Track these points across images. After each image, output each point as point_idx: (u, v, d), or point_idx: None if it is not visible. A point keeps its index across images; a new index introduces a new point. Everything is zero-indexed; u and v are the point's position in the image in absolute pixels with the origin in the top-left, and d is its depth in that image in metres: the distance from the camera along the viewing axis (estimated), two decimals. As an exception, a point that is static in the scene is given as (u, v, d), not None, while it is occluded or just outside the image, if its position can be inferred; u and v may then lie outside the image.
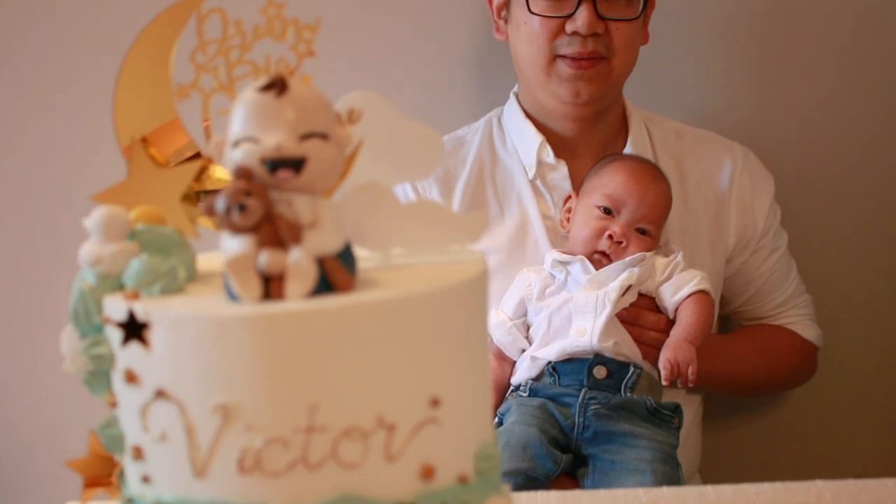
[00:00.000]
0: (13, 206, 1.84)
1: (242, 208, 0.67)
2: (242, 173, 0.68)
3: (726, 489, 0.98)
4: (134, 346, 0.67)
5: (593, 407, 1.35)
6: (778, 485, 0.98)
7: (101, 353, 0.71)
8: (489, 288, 1.43)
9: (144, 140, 0.77)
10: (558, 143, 1.59)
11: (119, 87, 0.77)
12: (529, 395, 1.40)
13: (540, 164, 1.58)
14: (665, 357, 1.36)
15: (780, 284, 1.68)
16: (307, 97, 0.70)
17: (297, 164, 0.68)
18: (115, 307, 0.68)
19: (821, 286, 1.77)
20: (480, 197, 1.60)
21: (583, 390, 1.37)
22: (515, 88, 1.66)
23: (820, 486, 0.98)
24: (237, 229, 0.67)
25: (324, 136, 0.69)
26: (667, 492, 0.98)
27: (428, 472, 0.68)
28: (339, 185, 0.76)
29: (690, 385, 1.36)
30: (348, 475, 0.66)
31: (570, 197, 1.54)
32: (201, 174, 0.78)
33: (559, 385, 1.39)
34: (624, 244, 1.44)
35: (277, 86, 0.69)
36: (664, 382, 1.37)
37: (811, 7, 1.84)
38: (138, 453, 0.70)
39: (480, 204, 1.60)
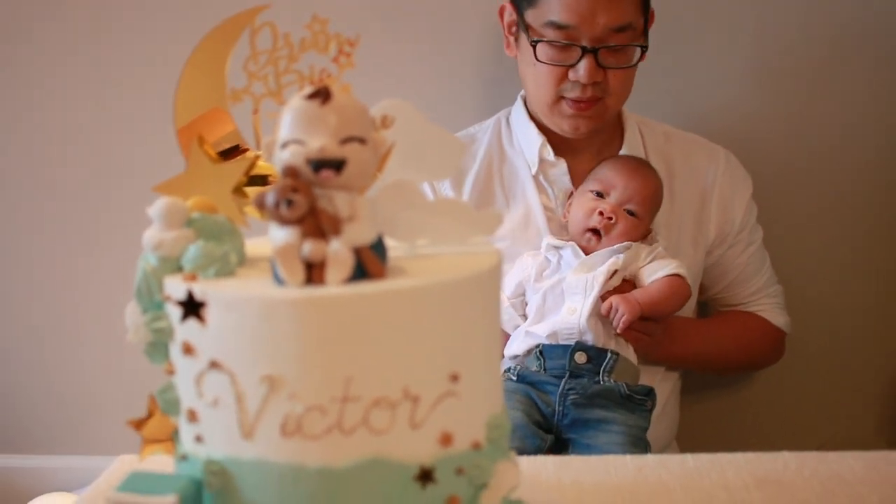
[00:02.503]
0: (89, 196, 1.89)
1: (290, 203, 0.68)
2: (290, 172, 0.69)
3: (703, 458, 1.00)
4: (191, 322, 0.69)
5: (572, 396, 1.37)
6: (749, 455, 1.00)
7: (161, 327, 0.72)
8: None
9: (201, 138, 0.79)
10: (559, 143, 1.60)
11: (179, 91, 0.78)
12: (517, 380, 1.42)
13: (542, 161, 1.59)
14: (612, 298, 1.38)
15: (754, 275, 1.70)
16: (347, 105, 0.71)
17: (338, 165, 0.69)
18: (176, 287, 0.70)
19: (791, 278, 1.78)
20: (488, 190, 1.62)
21: (563, 380, 1.38)
22: (522, 92, 1.67)
23: (786, 456, 1.00)
24: (284, 221, 0.69)
25: (362, 140, 0.71)
26: (651, 459, 1.00)
27: (447, 439, 0.70)
28: (373, 183, 0.77)
29: (619, 331, 1.38)
30: (377, 440, 0.68)
31: (571, 193, 1.55)
32: (250, 169, 0.79)
33: (544, 370, 1.40)
34: (613, 220, 1.45)
35: (322, 94, 0.71)
36: (603, 312, 1.39)
37: (791, 22, 1.85)
38: (193, 416, 0.72)
39: (488, 196, 1.61)
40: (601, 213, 1.46)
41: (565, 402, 1.38)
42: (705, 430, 1.90)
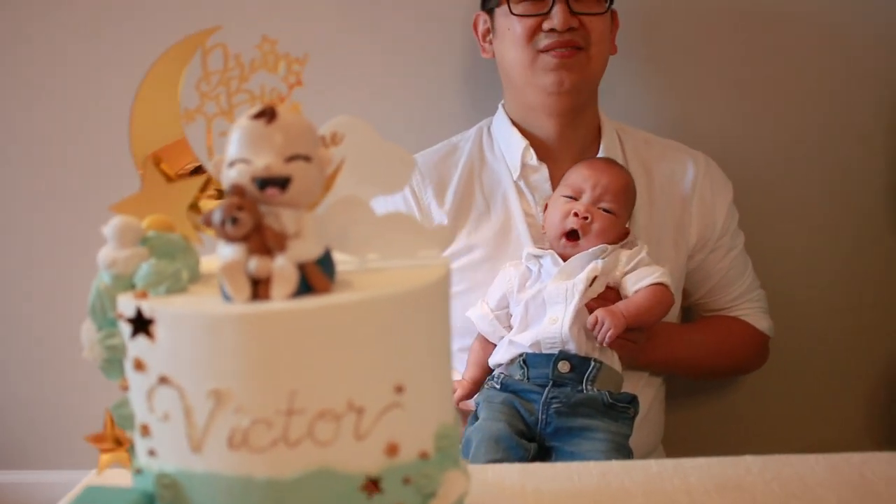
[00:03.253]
0: (46, 215, 1.90)
1: (234, 221, 0.70)
2: (235, 190, 0.71)
3: (667, 463, 1.01)
4: (141, 338, 0.71)
5: (555, 405, 1.38)
6: (713, 459, 1.01)
7: (115, 344, 0.74)
8: (475, 277, 1.48)
9: (156, 158, 0.80)
10: (540, 147, 1.61)
11: (134, 112, 0.80)
12: (501, 388, 1.43)
13: (524, 166, 1.60)
14: (597, 312, 1.38)
15: (736, 280, 1.71)
16: (293, 124, 0.73)
17: (283, 183, 0.71)
18: (126, 304, 0.72)
19: (774, 282, 1.79)
20: (469, 196, 1.63)
21: (546, 389, 1.39)
22: (503, 101, 1.68)
23: (749, 460, 1.01)
24: (230, 239, 0.70)
25: (307, 158, 0.72)
26: (615, 465, 1.01)
27: (392, 449, 0.72)
28: (324, 199, 0.79)
29: (605, 345, 1.39)
30: (323, 451, 0.69)
31: (546, 206, 1.56)
32: (205, 187, 0.81)
33: (527, 379, 1.41)
34: (589, 219, 1.46)
35: (267, 114, 0.72)
36: (588, 327, 1.39)
37: (771, 29, 1.86)
38: (145, 430, 0.73)
39: (470, 203, 1.62)
40: (576, 214, 1.46)
41: (548, 411, 1.39)
42: (693, 435, 1.91)
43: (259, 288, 0.70)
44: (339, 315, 0.69)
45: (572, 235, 1.47)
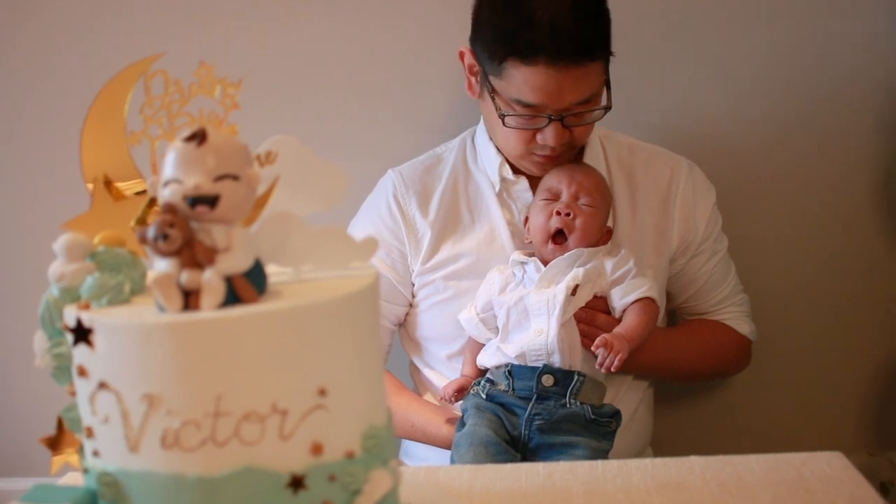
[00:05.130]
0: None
1: (166, 237, 0.77)
2: (168, 209, 0.78)
3: (613, 464, 1.06)
4: (82, 346, 0.78)
5: (537, 422, 1.43)
6: (658, 460, 1.06)
7: (62, 353, 0.82)
8: (460, 285, 1.54)
9: (105, 178, 0.87)
10: None
11: (84, 136, 0.87)
12: (487, 399, 1.48)
13: (503, 179, 1.66)
14: (603, 336, 1.43)
15: (719, 284, 1.75)
16: (223, 145, 0.79)
17: (212, 201, 0.78)
18: (70, 315, 0.79)
19: (759, 284, 1.84)
20: (454, 208, 1.69)
21: (530, 403, 1.44)
22: None
23: (693, 460, 1.06)
24: (162, 253, 0.77)
25: (236, 178, 0.79)
26: (562, 466, 1.06)
27: (317, 449, 0.78)
28: (260, 214, 0.86)
29: (614, 371, 1.43)
30: (249, 451, 0.76)
31: (527, 218, 1.61)
32: (152, 204, 0.88)
33: (512, 389, 1.47)
34: (572, 215, 1.51)
35: (198, 136, 0.79)
36: (595, 351, 1.43)
37: (755, 34, 1.91)
38: (90, 432, 0.80)
39: (454, 214, 1.68)
40: (559, 213, 1.52)
41: (531, 427, 1.44)
42: (682, 437, 1.96)
43: (191, 299, 0.77)
44: (262, 323, 0.75)
45: (559, 237, 1.52)
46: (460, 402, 1.55)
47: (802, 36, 1.91)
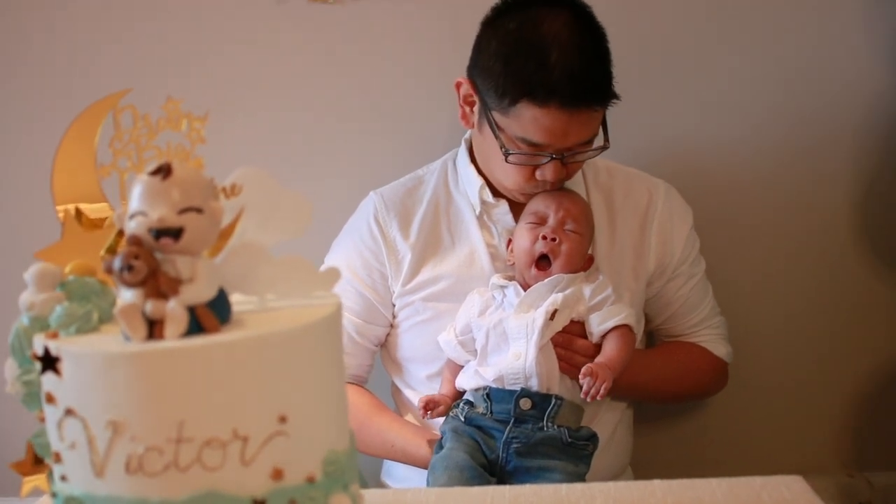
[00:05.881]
0: None
1: (131, 268, 0.80)
2: (132, 240, 0.81)
3: (577, 487, 1.09)
4: (50, 374, 0.81)
5: (515, 445, 1.47)
6: (621, 483, 1.09)
7: (31, 380, 0.85)
8: (439, 307, 1.57)
9: (76, 209, 0.91)
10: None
11: (55, 168, 0.91)
12: (465, 422, 1.51)
13: (483, 202, 1.69)
14: (588, 366, 1.46)
15: (696, 307, 1.79)
16: (187, 179, 0.83)
17: (175, 233, 0.81)
18: (38, 344, 0.82)
19: (735, 308, 1.88)
20: (435, 230, 1.72)
21: (508, 426, 1.48)
22: (467, 135, 1.76)
23: (655, 484, 1.09)
24: (127, 284, 0.81)
25: (199, 210, 0.82)
26: (527, 489, 1.09)
27: (277, 474, 0.81)
28: (226, 244, 0.89)
29: (599, 398, 1.46)
30: (211, 476, 0.79)
31: (510, 240, 1.65)
32: (120, 235, 0.91)
33: (490, 412, 1.50)
34: (557, 240, 1.55)
35: (163, 171, 0.83)
36: (581, 381, 1.46)
37: (734, 57, 1.95)
38: (58, 458, 0.83)
39: (435, 236, 1.72)
40: (545, 238, 1.55)
41: (509, 451, 1.48)
42: (663, 457, 1.98)
43: (155, 328, 0.80)
44: (223, 352, 0.79)
45: (543, 261, 1.56)
46: (437, 419, 1.58)
47: (780, 59, 1.95)
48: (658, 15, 1.95)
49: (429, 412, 1.57)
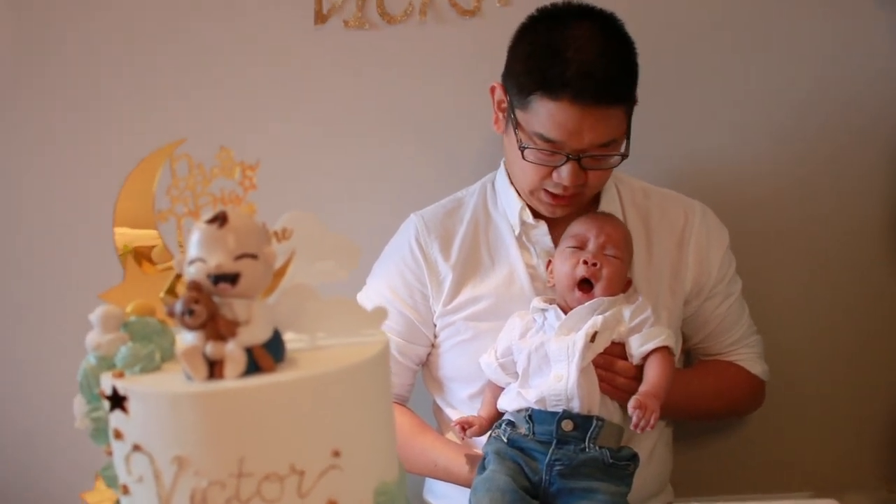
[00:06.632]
0: (44, 300, 2.12)
1: (192, 312, 0.87)
2: (192, 286, 0.88)
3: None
4: (118, 412, 0.88)
5: (558, 467, 1.51)
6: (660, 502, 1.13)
7: (99, 416, 0.92)
8: (480, 327, 1.63)
9: (136, 252, 0.98)
10: None
11: (116, 214, 0.98)
12: (508, 444, 1.56)
13: (523, 223, 1.75)
14: (636, 399, 1.48)
15: (732, 326, 1.82)
16: (242, 226, 0.89)
17: (233, 279, 0.88)
18: (106, 383, 0.89)
19: (772, 326, 1.92)
20: (475, 251, 1.77)
21: (550, 448, 1.52)
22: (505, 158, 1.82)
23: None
24: (189, 327, 0.87)
25: (254, 256, 0.89)
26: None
27: (332, 505, 0.88)
28: (278, 285, 0.96)
29: (650, 429, 1.47)
30: (270, 508, 0.86)
31: (550, 261, 1.69)
32: (177, 277, 0.98)
33: (533, 433, 1.54)
34: (598, 265, 1.59)
35: (220, 219, 0.89)
36: (630, 413, 1.47)
37: (770, 77, 1.99)
38: (126, 490, 0.90)
39: (475, 257, 1.77)
40: (586, 262, 1.60)
41: (552, 473, 1.52)
42: (702, 474, 2.02)
43: (215, 368, 0.87)
44: (280, 391, 0.85)
45: (585, 285, 1.60)
46: (479, 437, 1.63)
47: (816, 79, 1.99)
48: (684, 35, 2.01)
49: (465, 432, 1.62)
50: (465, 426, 1.61)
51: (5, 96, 2.06)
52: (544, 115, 1.58)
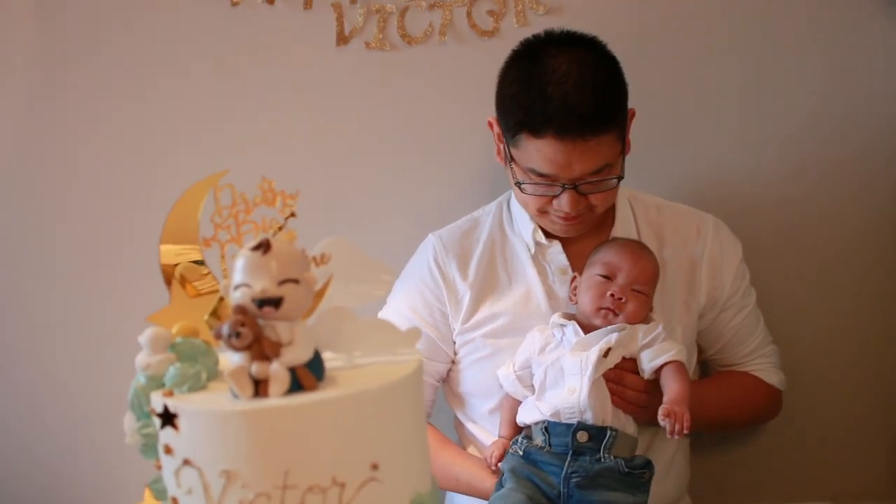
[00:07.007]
0: (93, 321, 2.19)
1: (238, 335, 0.93)
2: (239, 310, 0.95)
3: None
4: (168, 429, 0.94)
5: (575, 479, 1.56)
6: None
7: (149, 433, 0.98)
8: (498, 343, 1.69)
9: (181, 277, 1.05)
10: None
11: (163, 241, 1.05)
12: (524, 457, 1.61)
13: (537, 243, 1.81)
14: (663, 408, 1.53)
15: (748, 337, 1.88)
16: (284, 253, 0.96)
17: (276, 302, 0.94)
18: (156, 402, 0.96)
19: (787, 335, 1.97)
20: (492, 270, 1.84)
21: (567, 460, 1.58)
22: None
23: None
24: (235, 349, 0.94)
25: (296, 281, 0.96)
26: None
27: (371, 516, 0.94)
28: (318, 307, 1.02)
29: (686, 432, 1.53)
30: (313, 519, 0.92)
31: (574, 277, 1.75)
32: (221, 301, 1.05)
33: (549, 445, 1.60)
34: (624, 300, 1.65)
35: (263, 246, 0.96)
36: (662, 423, 1.52)
37: (778, 89, 2.06)
38: (175, 502, 0.96)
39: (492, 276, 1.83)
40: (612, 295, 1.65)
41: (570, 485, 1.58)
42: (719, 483, 2.07)
43: (260, 387, 0.94)
44: (322, 409, 0.92)
45: (609, 313, 1.66)
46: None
47: (827, 91, 2.04)
48: (693, 49, 2.06)
49: (500, 460, 1.68)
50: (501, 459, 1.67)
51: (52, 129, 2.14)
52: (533, 151, 1.64)
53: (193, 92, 2.11)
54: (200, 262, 1.06)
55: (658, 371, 1.63)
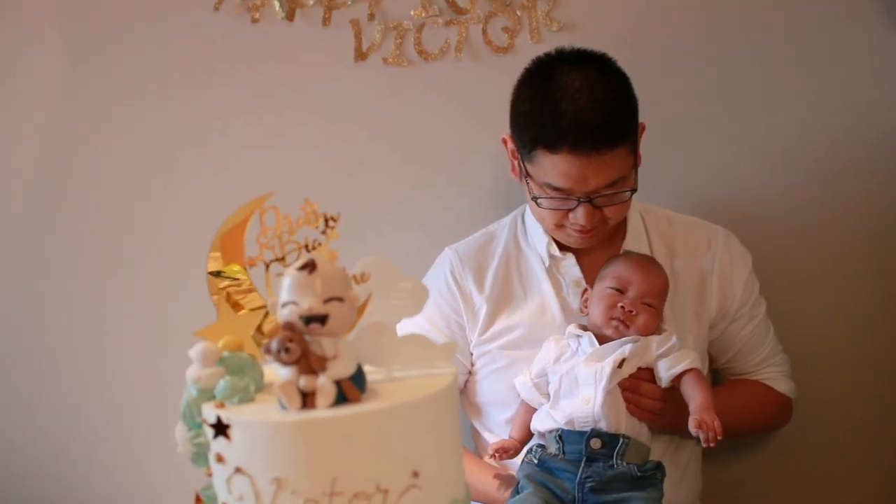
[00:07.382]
0: (143, 339, 2.23)
1: (287, 350, 1.00)
2: (287, 326, 1.01)
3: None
4: (221, 439, 1.01)
5: (589, 484, 1.63)
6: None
7: (201, 442, 1.05)
8: (514, 354, 1.76)
9: (228, 294, 1.12)
10: None
11: (210, 260, 1.12)
12: (538, 465, 1.68)
13: (551, 256, 1.88)
14: (693, 419, 1.60)
15: (758, 347, 1.94)
16: (329, 272, 1.03)
17: (322, 319, 1.01)
18: (209, 413, 1.02)
19: (797, 344, 2.03)
20: (508, 283, 1.90)
21: (580, 466, 1.64)
22: None
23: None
24: (284, 363, 1.01)
25: (340, 299, 1.02)
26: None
27: (412, 520, 1.01)
28: (358, 323, 1.09)
29: (720, 438, 1.59)
30: (359, 524, 0.99)
31: (586, 290, 1.82)
32: (265, 317, 1.12)
33: (563, 453, 1.66)
34: (634, 313, 1.71)
35: (309, 266, 1.02)
36: (695, 434, 1.60)
37: (788, 101, 2.12)
38: (226, 508, 1.04)
39: (508, 289, 1.89)
40: (623, 308, 1.72)
41: (584, 490, 1.64)
42: (731, 490, 2.13)
43: (307, 399, 1.00)
44: (367, 420, 0.99)
45: (620, 325, 1.72)
46: (507, 461, 1.76)
47: (833, 102, 2.10)
48: (702, 61, 2.12)
49: (500, 457, 1.75)
50: (499, 453, 1.74)
51: (107, 152, 2.21)
52: (549, 167, 1.71)
53: (213, 107, 2.17)
54: (246, 280, 1.13)
55: (676, 379, 1.69)
